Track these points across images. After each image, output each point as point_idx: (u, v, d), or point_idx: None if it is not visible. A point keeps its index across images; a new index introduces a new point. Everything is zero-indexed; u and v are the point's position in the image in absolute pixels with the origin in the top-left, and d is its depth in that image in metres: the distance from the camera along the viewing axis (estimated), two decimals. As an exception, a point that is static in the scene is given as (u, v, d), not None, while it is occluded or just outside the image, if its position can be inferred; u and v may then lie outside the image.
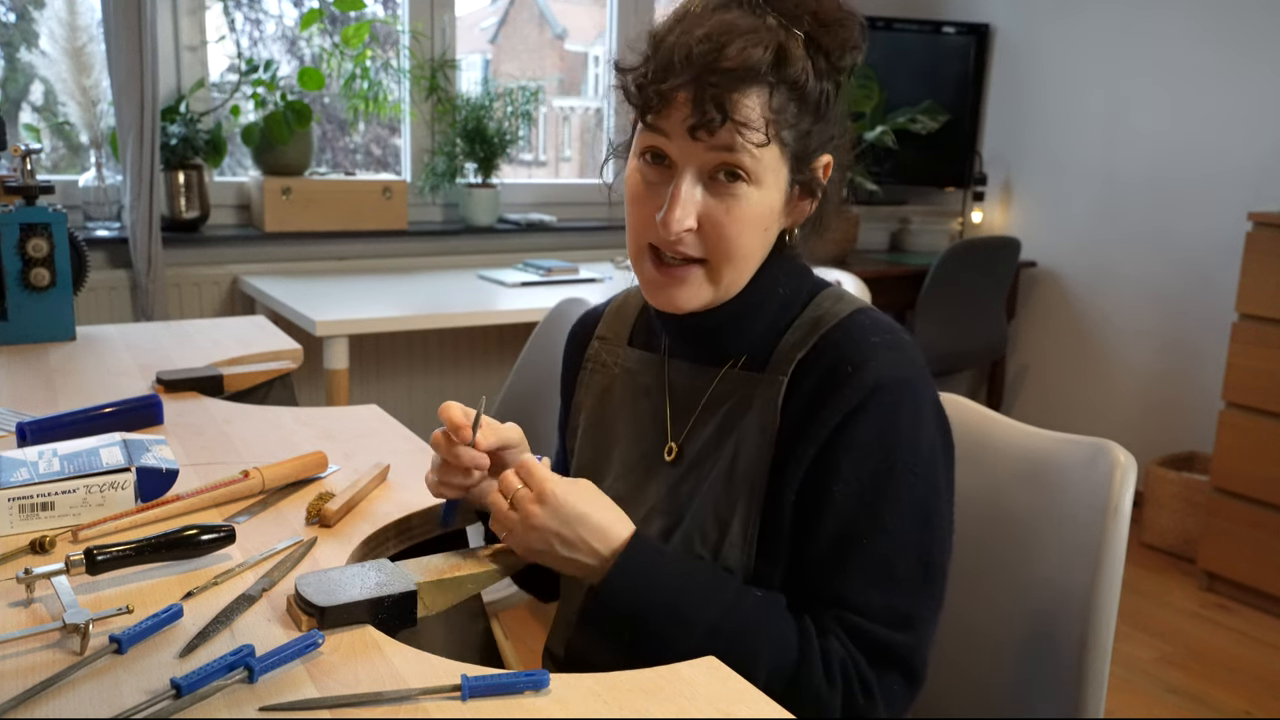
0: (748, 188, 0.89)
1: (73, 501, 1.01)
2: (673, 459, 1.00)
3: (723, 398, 0.98)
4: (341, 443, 1.30)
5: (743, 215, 0.90)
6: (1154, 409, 3.44)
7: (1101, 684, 0.98)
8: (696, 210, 0.90)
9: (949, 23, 3.89)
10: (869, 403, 0.89)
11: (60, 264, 1.71)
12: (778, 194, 0.92)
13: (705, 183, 0.90)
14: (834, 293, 0.99)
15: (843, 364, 0.90)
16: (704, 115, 0.86)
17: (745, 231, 0.91)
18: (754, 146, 0.87)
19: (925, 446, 0.91)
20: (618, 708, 0.73)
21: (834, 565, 0.90)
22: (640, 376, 1.06)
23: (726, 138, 0.87)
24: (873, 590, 0.89)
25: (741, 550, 0.93)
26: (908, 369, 0.91)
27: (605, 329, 1.12)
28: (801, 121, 0.90)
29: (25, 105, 2.84)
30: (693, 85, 0.86)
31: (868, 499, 0.89)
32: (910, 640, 0.90)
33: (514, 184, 3.42)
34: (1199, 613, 2.83)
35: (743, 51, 0.85)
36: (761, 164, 0.89)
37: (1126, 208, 3.47)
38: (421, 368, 3.14)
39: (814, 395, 0.91)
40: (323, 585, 0.84)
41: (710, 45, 0.86)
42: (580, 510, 0.87)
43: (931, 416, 0.93)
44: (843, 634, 0.89)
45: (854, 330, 0.93)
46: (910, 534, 0.90)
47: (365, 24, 3.02)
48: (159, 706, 0.69)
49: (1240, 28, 3.12)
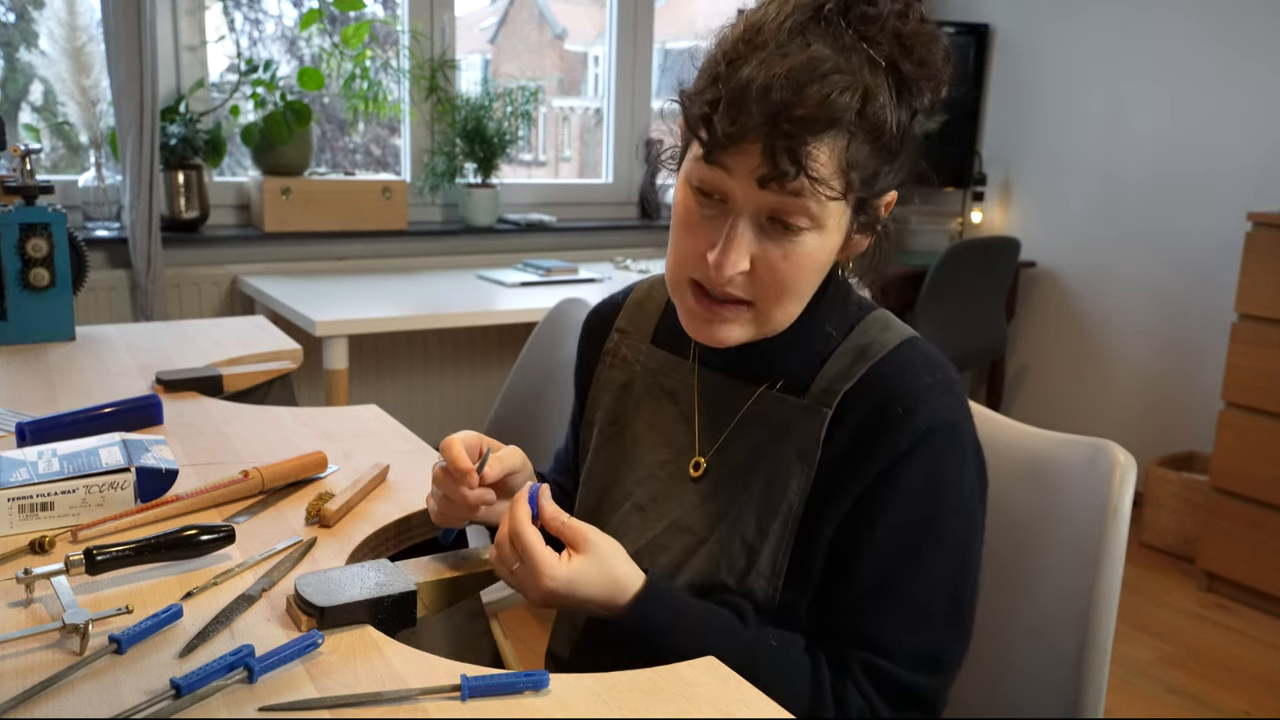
0: (809, 234, 0.84)
1: (72, 502, 1.01)
2: (699, 474, 0.97)
3: (757, 418, 0.94)
4: (341, 443, 1.30)
5: (800, 260, 0.85)
6: (1154, 409, 3.44)
7: (1101, 684, 0.98)
8: (752, 252, 0.84)
9: (949, 23, 3.89)
10: (920, 447, 0.86)
11: (60, 264, 1.71)
12: (838, 236, 0.87)
13: (763, 223, 0.84)
14: (880, 318, 0.95)
15: (893, 404, 0.87)
16: (777, 168, 0.79)
17: (799, 276, 0.86)
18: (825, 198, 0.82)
19: (967, 489, 0.90)
20: (617, 708, 0.73)
21: (867, 606, 0.88)
22: (665, 379, 1.02)
23: (796, 185, 0.80)
24: (904, 633, 0.88)
25: (769, 581, 0.91)
26: (957, 412, 0.90)
27: (625, 322, 1.08)
28: (874, 163, 0.84)
29: (25, 105, 2.84)
30: (767, 132, 0.78)
31: (909, 541, 0.87)
32: (935, 683, 0.89)
33: (514, 184, 3.42)
34: (1199, 613, 2.83)
35: (826, 99, 0.78)
36: (826, 210, 0.83)
37: (1126, 208, 3.47)
38: (421, 368, 3.14)
39: (862, 433, 0.88)
40: (322, 585, 0.84)
41: (790, 88, 0.77)
42: (583, 596, 0.84)
43: (974, 458, 0.92)
44: (864, 676, 0.87)
45: (905, 367, 0.90)
46: (945, 577, 0.88)
47: (365, 24, 3.02)
48: (158, 707, 0.69)
49: (1240, 28, 3.12)
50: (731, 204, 0.84)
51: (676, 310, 0.94)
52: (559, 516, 0.86)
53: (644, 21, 3.55)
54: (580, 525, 0.86)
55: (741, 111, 0.79)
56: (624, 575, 0.86)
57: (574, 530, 0.85)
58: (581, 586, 0.84)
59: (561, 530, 0.85)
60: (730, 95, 0.80)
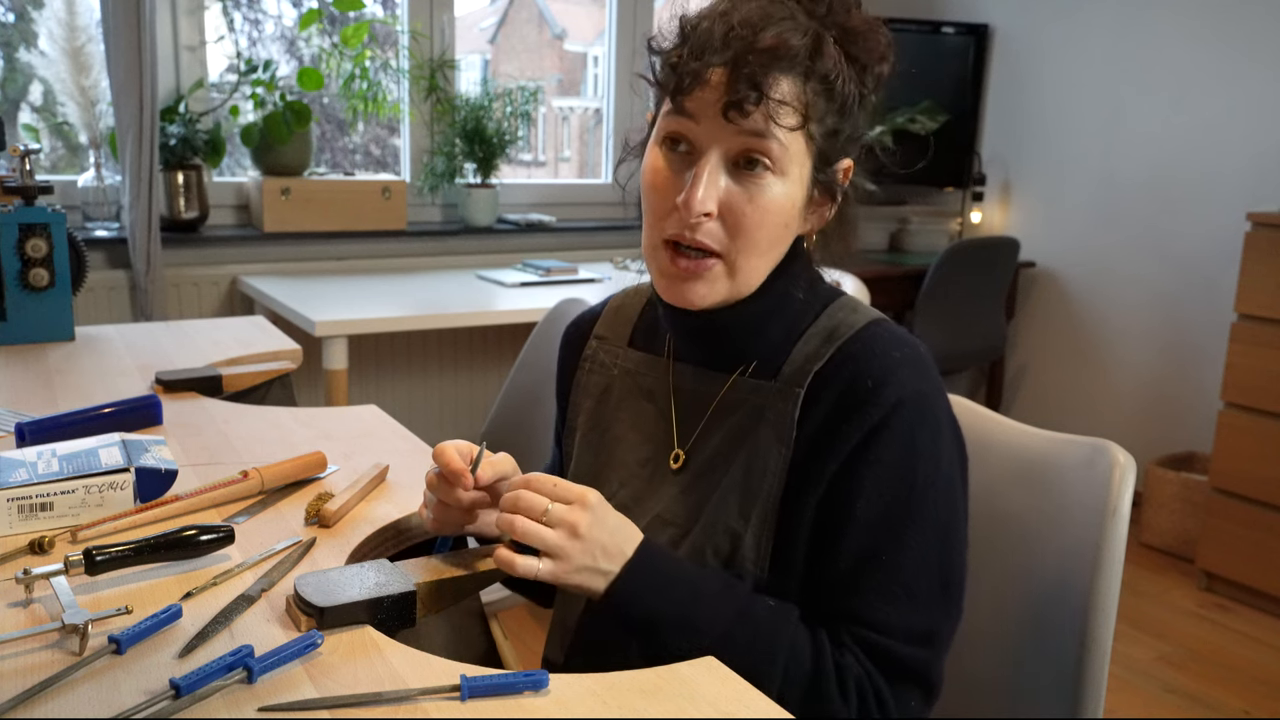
0: (772, 177, 0.88)
1: (72, 502, 1.01)
2: (679, 466, 0.99)
3: (732, 406, 0.96)
4: (340, 443, 1.30)
5: (765, 205, 0.88)
6: (1153, 409, 3.44)
7: (1100, 684, 0.99)
8: (719, 196, 0.88)
9: (948, 23, 3.89)
10: (892, 419, 0.88)
11: (59, 264, 1.71)
12: (800, 189, 0.91)
13: (728, 169, 0.89)
14: (848, 303, 0.98)
15: (863, 379, 0.89)
16: (739, 93, 0.84)
17: (766, 222, 0.89)
18: (785, 130, 0.86)
19: (945, 462, 0.91)
20: (617, 708, 0.73)
21: (853, 582, 0.89)
22: (642, 379, 1.04)
23: (757, 123, 0.86)
24: (892, 608, 0.88)
25: (754, 564, 0.92)
26: (927, 384, 0.91)
27: (604, 328, 1.10)
28: (829, 117, 0.89)
29: (24, 105, 2.84)
30: (730, 64, 0.85)
31: (890, 516, 0.89)
32: (928, 655, 0.90)
33: (513, 184, 3.42)
34: (1198, 613, 2.83)
35: (781, 36, 0.85)
36: (788, 153, 0.88)
37: (1125, 208, 3.47)
38: (420, 368, 3.14)
39: (834, 411, 0.90)
40: (322, 585, 0.84)
41: (748, 29, 0.85)
42: (616, 519, 0.86)
43: (949, 431, 0.93)
44: (859, 650, 0.88)
45: (873, 343, 0.92)
46: (931, 550, 0.89)
47: (364, 24, 3.02)
48: (158, 707, 0.69)
49: (1239, 29, 3.12)
50: (698, 149, 0.89)
51: (653, 278, 0.96)
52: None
53: (644, 21, 3.56)
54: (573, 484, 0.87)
55: (705, 50, 0.86)
56: (624, 521, 0.88)
57: (569, 486, 0.86)
58: (606, 516, 0.85)
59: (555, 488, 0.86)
60: (694, 41, 0.88)
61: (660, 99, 0.93)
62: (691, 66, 0.87)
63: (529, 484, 0.85)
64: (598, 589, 0.86)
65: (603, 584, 0.85)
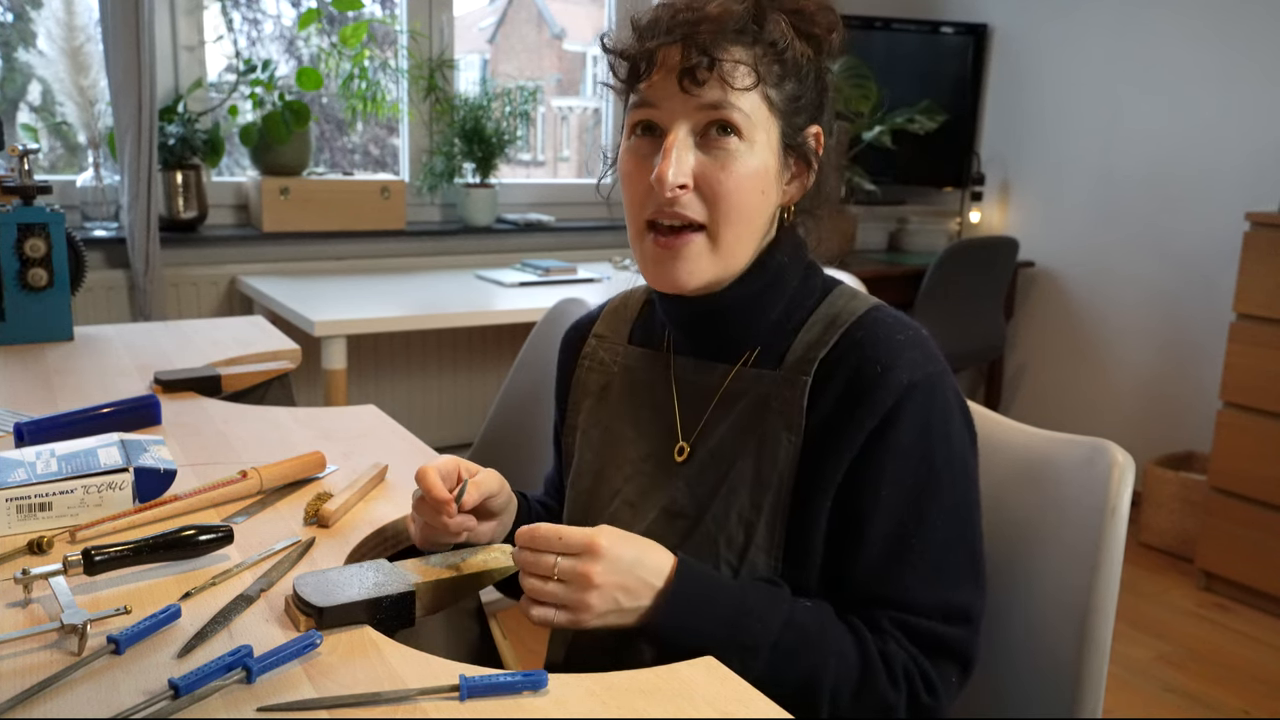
0: (740, 143, 0.90)
1: (70, 502, 1.01)
2: (684, 459, 0.98)
3: (736, 396, 0.96)
4: (340, 443, 1.30)
5: (738, 170, 0.90)
6: (1152, 409, 3.44)
7: (1100, 683, 0.98)
8: (691, 169, 0.90)
9: (947, 23, 3.89)
10: (905, 404, 0.88)
11: (58, 264, 1.71)
12: (770, 155, 0.92)
13: (697, 142, 0.91)
14: (847, 290, 0.98)
15: (870, 364, 0.90)
16: (691, 60, 0.87)
17: (742, 188, 0.90)
18: (742, 93, 0.88)
19: (957, 440, 0.92)
20: (616, 708, 0.73)
21: (885, 569, 0.89)
22: (642, 374, 1.04)
23: (714, 91, 0.88)
24: (927, 589, 0.89)
25: (769, 554, 0.91)
26: (934, 365, 0.92)
27: (603, 327, 1.10)
28: (787, 83, 0.91)
29: (23, 105, 2.84)
30: (681, 40, 0.88)
31: (914, 500, 0.89)
32: (966, 632, 0.91)
33: (512, 184, 3.42)
34: (1197, 612, 2.83)
35: (723, 7, 0.88)
36: (751, 120, 0.90)
37: (1124, 207, 3.47)
38: (420, 368, 3.14)
39: (844, 397, 0.90)
40: (321, 585, 0.84)
41: (693, 10, 0.89)
42: (632, 554, 0.83)
43: (959, 410, 0.94)
44: (900, 635, 0.88)
45: (876, 328, 0.92)
46: (955, 529, 0.91)
47: (363, 24, 3.02)
48: (157, 707, 0.69)
49: (1238, 28, 3.12)
50: (664, 129, 0.91)
51: (641, 269, 0.97)
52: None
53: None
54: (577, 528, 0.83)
55: (655, 34, 0.90)
56: (659, 548, 0.86)
57: (573, 535, 0.82)
58: (626, 545, 0.83)
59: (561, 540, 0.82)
60: (644, 30, 0.92)
61: (626, 101, 0.95)
62: (645, 49, 0.90)
63: (533, 540, 0.82)
64: (631, 624, 0.84)
65: (635, 620, 0.84)
